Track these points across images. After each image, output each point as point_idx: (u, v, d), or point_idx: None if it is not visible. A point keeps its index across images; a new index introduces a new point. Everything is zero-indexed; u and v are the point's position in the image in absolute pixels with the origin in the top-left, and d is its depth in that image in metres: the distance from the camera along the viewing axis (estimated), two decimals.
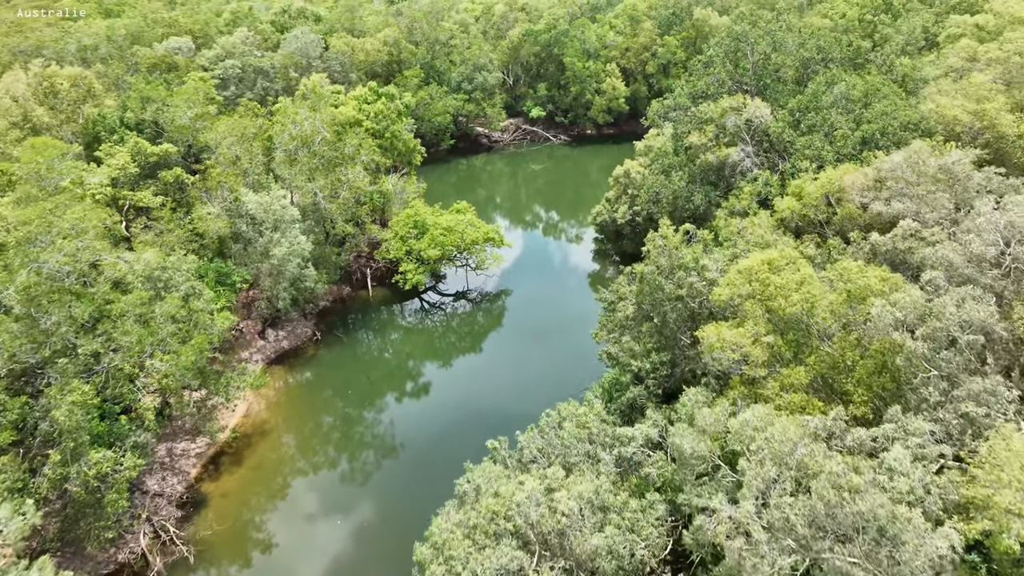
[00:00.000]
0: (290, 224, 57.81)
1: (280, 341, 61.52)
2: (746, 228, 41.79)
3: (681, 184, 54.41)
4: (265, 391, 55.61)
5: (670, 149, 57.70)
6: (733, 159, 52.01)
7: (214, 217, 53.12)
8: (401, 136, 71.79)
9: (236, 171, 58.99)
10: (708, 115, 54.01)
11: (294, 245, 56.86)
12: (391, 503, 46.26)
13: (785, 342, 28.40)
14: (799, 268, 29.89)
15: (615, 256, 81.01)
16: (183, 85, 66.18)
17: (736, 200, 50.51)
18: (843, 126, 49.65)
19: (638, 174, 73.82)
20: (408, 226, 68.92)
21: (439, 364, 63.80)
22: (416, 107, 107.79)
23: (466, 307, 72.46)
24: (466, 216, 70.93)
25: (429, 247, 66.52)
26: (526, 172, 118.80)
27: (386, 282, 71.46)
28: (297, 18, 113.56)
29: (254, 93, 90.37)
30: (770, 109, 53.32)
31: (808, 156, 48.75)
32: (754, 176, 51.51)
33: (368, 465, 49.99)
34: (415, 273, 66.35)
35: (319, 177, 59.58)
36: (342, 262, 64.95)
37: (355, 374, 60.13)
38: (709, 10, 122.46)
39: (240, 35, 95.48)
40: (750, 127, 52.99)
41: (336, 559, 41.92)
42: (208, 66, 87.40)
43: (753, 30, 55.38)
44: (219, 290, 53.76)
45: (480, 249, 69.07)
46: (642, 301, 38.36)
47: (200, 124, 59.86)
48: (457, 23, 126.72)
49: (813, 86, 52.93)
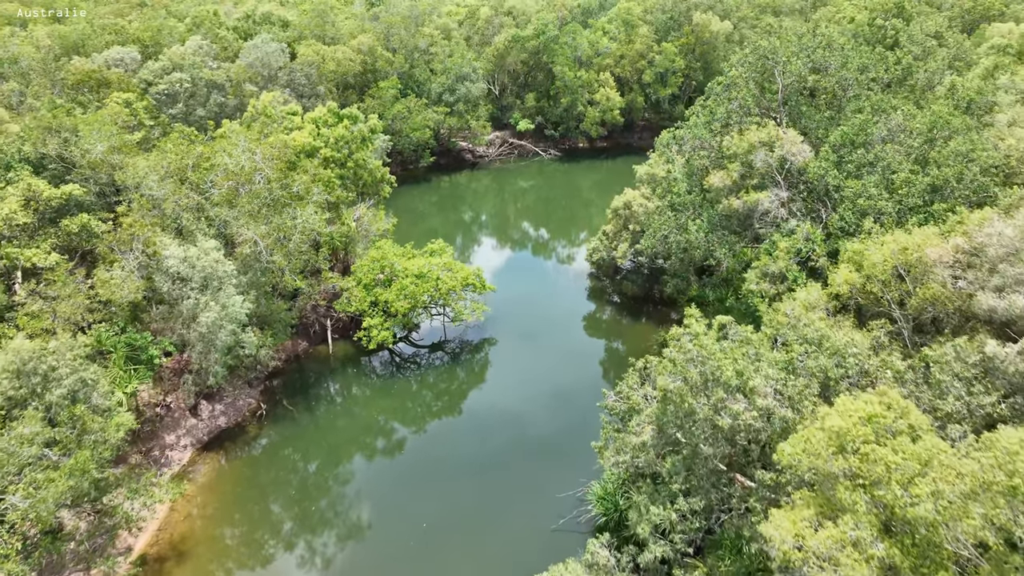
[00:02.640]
0: (225, 281, 46.66)
1: (216, 418, 50.33)
2: (797, 313, 31.02)
3: (699, 235, 43.65)
4: (191, 490, 44.48)
5: (682, 188, 46.89)
6: (764, 206, 41.34)
7: (121, 279, 41.87)
8: (366, 165, 60.64)
9: (160, 217, 47.79)
10: (732, 150, 43.27)
11: (228, 308, 45.71)
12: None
13: (906, 554, 17.83)
14: (916, 427, 19.41)
15: (614, 297, 70.28)
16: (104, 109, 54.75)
17: (770, 259, 39.77)
18: (903, 168, 38.99)
19: (640, 207, 63.01)
20: (373, 272, 57.85)
21: (412, 430, 52.87)
22: (392, 121, 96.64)
23: (444, 360, 61.53)
24: (442, 258, 59.90)
25: (397, 299, 55.48)
26: (513, 189, 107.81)
27: (350, 334, 60.40)
28: (262, 24, 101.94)
29: (207, 110, 78.94)
30: (809, 145, 42.61)
31: (862, 208, 38.06)
32: (790, 228, 40.80)
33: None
34: (381, 329, 55.33)
35: (261, 222, 48.38)
36: (292, 319, 53.81)
37: (308, 455, 49.09)
38: (710, 14, 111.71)
39: (193, 44, 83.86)
40: (783, 166, 42.28)
41: None
42: (152, 80, 75.85)
43: (784, 46, 44.66)
44: (130, 370, 42.62)
45: (458, 297, 58.12)
46: (665, 425, 27.64)
47: (116, 159, 48.50)
48: (438, 28, 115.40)
49: (860, 115, 42.27)
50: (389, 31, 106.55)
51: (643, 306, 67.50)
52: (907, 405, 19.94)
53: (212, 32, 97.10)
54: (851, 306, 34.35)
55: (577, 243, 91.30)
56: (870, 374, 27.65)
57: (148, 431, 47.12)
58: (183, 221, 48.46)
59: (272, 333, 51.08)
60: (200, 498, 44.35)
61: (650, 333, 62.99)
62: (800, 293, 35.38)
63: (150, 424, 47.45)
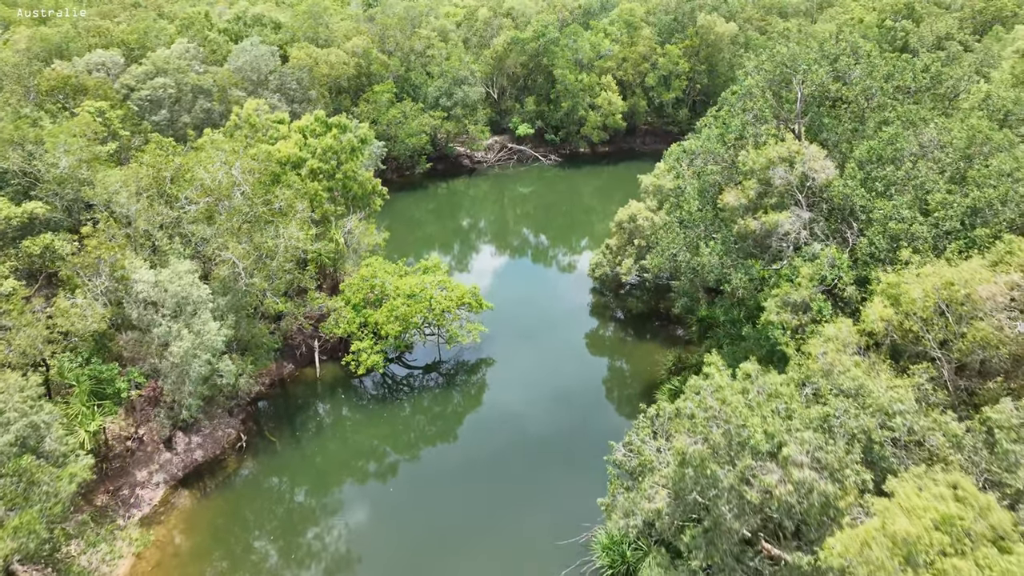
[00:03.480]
0: (200, 306, 42.95)
1: (192, 451, 46.63)
2: (830, 358, 27.29)
3: (712, 259, 39.90)
4: (162, 534, 40.79)
5: (693, 206, 43.12)
6: (785, 228, 37.63)
7: (83, 309, 38.17)
8: (356, 177, 56.91)
9: (131, 237, 44.09)
10: (748, 166, 39.53)
11: (202, 336, 42.01)
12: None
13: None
14: (1000, 529, 15.80)
15: (618, 312, 66.58)
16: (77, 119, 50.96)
17: (791, 287, 36.05)
18: (939, 188, 35.26)
19: (646, 221, 59.34)
20: (363, 292, 54.14)
21: (405, 458, 49.44)
22: (387, 126, 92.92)
23: (439, 382, 57.89)
24: (436, 276, 56.17)
25: (388, 321, 51.77)
26: (513, 196, 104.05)
27: (339, 355, 56.69)
28: (253, 26, 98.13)
29: (192, 117, 75.20)
30: (832, 161, 38.85)
31: (893, 232, 34.34)
32: (813, 252, 37.06)
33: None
34: (371, 353, 51.63)
35: (240, 241, 44.67)
36: (276, 343, 50.11)
37: (292, 486, 45.43)
38: (715, 15, 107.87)
39: (179, 47, 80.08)
40: (804, 184, 38.54)
41: None
42: (135, 85, 72.10)
43: (805, 53, 40.88)
44: (93, 406, 38.93)
45: (452, 319, 54.38)
46: (683, 491, 23.97)
47: (84, 173, 44.78)
48: (435, 30, 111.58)
49: (888, 128, 38.51)
50: (384, 33, 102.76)
51: (649, 323, 63.82)
52: (987, 501, 16.30)
53: (201, 35, 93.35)
54: (885, 344, 30.67)
55: (578, 250, 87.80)
56: (917, 432, 23.99)
57: (117, 467, 43.45)
58: (156, 240, 44.76)
59: (253, 359, 47.38)
60: (172, 543, 40.67)
61: (657, 353, 59.34)
62: (828, 329, 31.66)
63: (120, 460, 43.79)
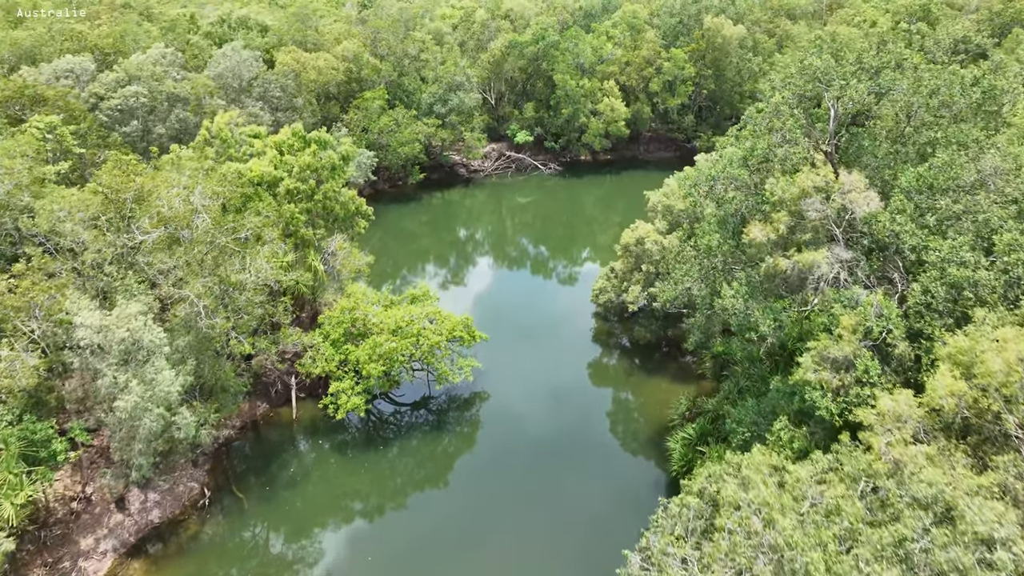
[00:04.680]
0: (153, 351, 37.41)
1: (148, 511, 41.06)
2: (898, 453, 21.74)
3: (737, 302, 34.30)
4: None
5: (712, 239, 37.46)
6: (822, 270, 32.11)
7: (9, 363, 32.61)
8: (338, 197, 51.36)
9: (80, 271, 38.57)
10: (777, 196, 33.99)
11: (155, 387, 36.50)
12: None
13: None
14: None
15: (623, 340, 61.03)
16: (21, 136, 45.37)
17: (830, 341, 30.50)
18: (1009, 226, 29.69)
19: (655, 244, 53.77)
20: (343, 325, 48.60)
21: (392, 507, 44.34)
22: (379, 135, 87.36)
23: (429, 420, 52.47)
24: (424, 307, 50.63)
25: (370, 360, 46.23)
26: (511, 206, 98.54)
27: (319, 391, 51.19)
28: (238, 29, 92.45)
29: (168, 128, 69.59)
30: (875, 190, 33.28)
31: (954, 279, 28.78)
32: (854, 298, 31.50)
33: None
34: (351, 395, 46.12)
35: (200, 276, 39.12)
36: (245, 386, 44.63)
37: (261, 548, 40.00)
38: (722, 17, 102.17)
39: (155, 52, 74.45)
40: (842, 217, 32.98)
41: None
42: (104, 94, 66.51)
43: (840, 66, 35.29)
44: (21, 475, 33.37)
45: (443, 355, 48.87)
46: None
47: (23, 200, 39.20)
48: (430, 32, 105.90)
49: (942, 151, 32.98)
50: (376, 36, 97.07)
51: (657, 353, 58.26)
52: None
53: (182, 38, 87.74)
54: (955, 424, 25.16)
55: (579, 261, 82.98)
56: None
57: (59, 535, 37.93)
58: (108, 275, 39.20)
59: (217, 407, 41.85)
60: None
61: (667, 388, 53.87)
62: (883, 401, 26.16)
63: (62, 525, 38.28)
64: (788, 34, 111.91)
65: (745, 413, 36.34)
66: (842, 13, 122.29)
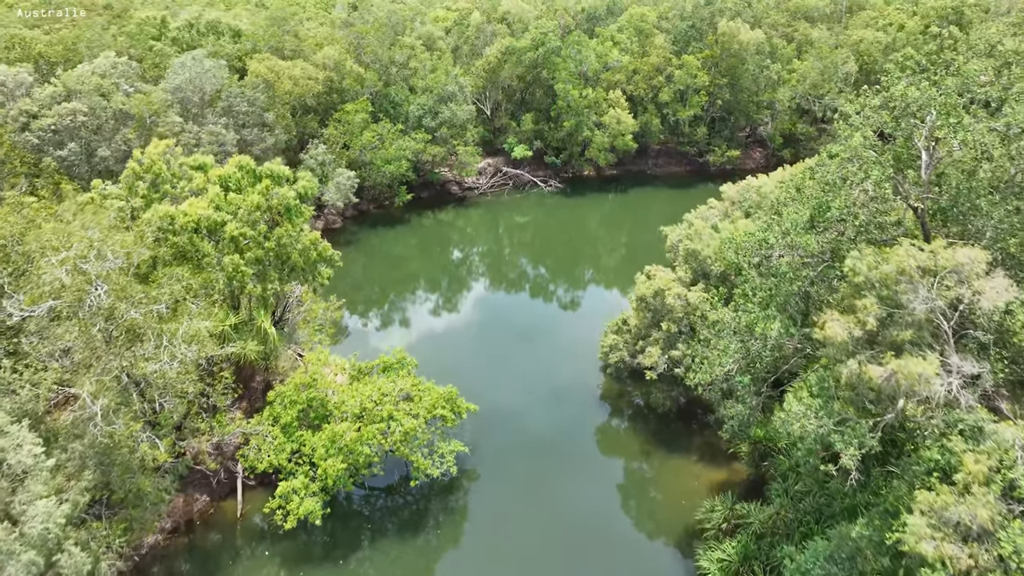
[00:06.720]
0: (30, 473, 27.79)
1: None
2: None
3: (808, 422, 24.61)
4: None
5: (771, 327, 27.67)
6: (934, 388, 22.56)
7: None
8: (295, 243, 41.64)
9: None
10: (862, 276, 24.38)
11: (24, 523, 26.88)
12: None
13: None
14: None
15: (637, 400, 51.27)
16: None
17: (946, 492, 20.90)
18: None
19: (678, 300, 44.00)
20: (297, 406, 38.90)
21: None
22: (360, 151, 77.62)
23: (403, 509, 42.77)
24: (399, 379, 40.88)
25: (328, 454, 36.52)
26: (508, 225, 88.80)
27: (272, 478, 41.49)
28: (207, 34, 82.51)
29: (113, 150, 59.78)
30: (1003, 271, 23.66)
31: None
32: (978, 426, 21.90)
33: None
34: (304, 497, 36.42)
35: (97, 368, 29.46)
36: (167, 492, 34.98)
37: None
38: (738, 21, 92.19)
39: (104, 62, 64.61)
40: (955, 310, 23.36)
41: None
42: (37, 112, 56.76)
43: (942, 97, 25.62)
44: None
45: (419, 443, 39.17)
46: None
47: None
48: (420, 37, 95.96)
49: None
50: (360, 42, 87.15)
51: (678, 424, 48.50)
52: None
53: (143, 44, 77.91)
54: None
55: (582, 284, 74.46)
56: None
57: None
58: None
59: (126, 526, 32.21)
60: None
61: (693, 470, 44.22)
62: None
63: None
64: (808, 39, 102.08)
65: (814, 562, 26.68)
66: (863, 16, 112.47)
